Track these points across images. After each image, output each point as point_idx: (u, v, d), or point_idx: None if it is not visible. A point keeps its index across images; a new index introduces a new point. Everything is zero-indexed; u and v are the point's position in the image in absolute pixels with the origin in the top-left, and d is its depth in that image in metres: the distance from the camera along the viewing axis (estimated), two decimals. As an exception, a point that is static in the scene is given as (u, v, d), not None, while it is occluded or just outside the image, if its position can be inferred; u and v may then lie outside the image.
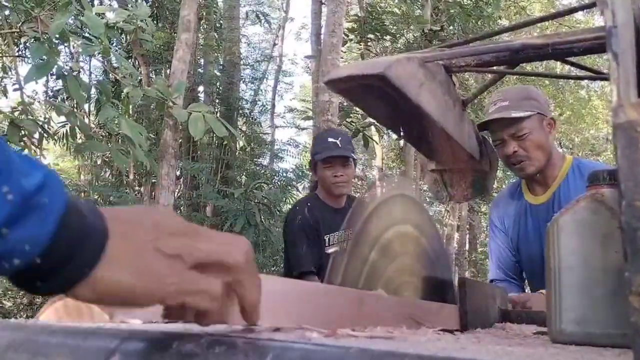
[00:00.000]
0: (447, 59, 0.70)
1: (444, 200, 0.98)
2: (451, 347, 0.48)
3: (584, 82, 12.50)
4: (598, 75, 0.72)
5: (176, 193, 5.95)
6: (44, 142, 3.27)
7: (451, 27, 6.53)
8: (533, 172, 1.39)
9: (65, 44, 2.89)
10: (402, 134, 0.86)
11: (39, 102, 6.53)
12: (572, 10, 0.82)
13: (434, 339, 0.59)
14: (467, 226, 10.13)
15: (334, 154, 1.88)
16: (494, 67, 0.71)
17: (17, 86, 5.39)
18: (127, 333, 0.39)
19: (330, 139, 1.92)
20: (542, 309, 0.80)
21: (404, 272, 0.81)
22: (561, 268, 0.69)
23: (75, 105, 3.97)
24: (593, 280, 0.67)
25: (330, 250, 1.90)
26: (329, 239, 1.91)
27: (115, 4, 6.16)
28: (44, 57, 2.33)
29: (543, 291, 1.14)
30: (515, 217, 1.48)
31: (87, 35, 2.76)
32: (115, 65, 4.60)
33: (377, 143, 7.46)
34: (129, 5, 3.30)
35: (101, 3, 6.62)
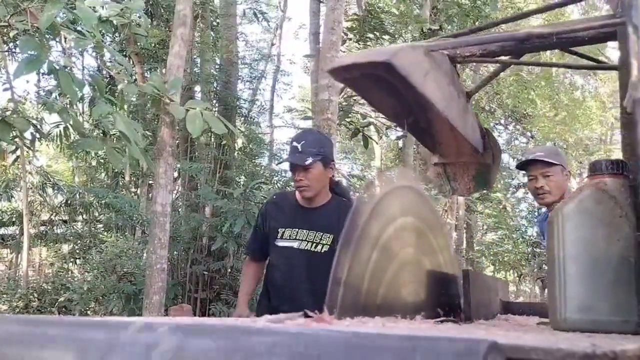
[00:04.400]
0: (451, 48, 0.69)
1: (448, 193, 0.98)
2: (457, 332, 0.48)
3: (579, 84, 12.55)
4: (602, 65, 0.72)
5: (174, 194, 5.91)
6: (37, 143, 3.21)
7: (449, 27, 6.54)
8: (549, 202, 1.96)
9: (57, 39, 2.80)
10: (405, 126, 0.86)
11: (30, 102, 6.44)
12: (568, 2, 0.82)
13: (440, 326, 0.59)
14: (465, 225, 10.16)
15: (290, 161, 1.91)
16: (499, 57, 0.71)
17: (7, 85, 5.29)
18: (131, 326, 0.38)
19: (294, 143, 1.92)
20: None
21: (408, 265, 0.80)
22: (565, 257, 0.69)
23: (68, 103, 3.89)
24: (597, 269, 0.67)
25: (281, 243, 1.94)
26: (282, 232, 1.94)
27: None
28: (34, 51, 2.26)
29: None
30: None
31: (79, 29, 2.70)
32: (109, 62, 4.55)
33: (376, 143, 7.45)
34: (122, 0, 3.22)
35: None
